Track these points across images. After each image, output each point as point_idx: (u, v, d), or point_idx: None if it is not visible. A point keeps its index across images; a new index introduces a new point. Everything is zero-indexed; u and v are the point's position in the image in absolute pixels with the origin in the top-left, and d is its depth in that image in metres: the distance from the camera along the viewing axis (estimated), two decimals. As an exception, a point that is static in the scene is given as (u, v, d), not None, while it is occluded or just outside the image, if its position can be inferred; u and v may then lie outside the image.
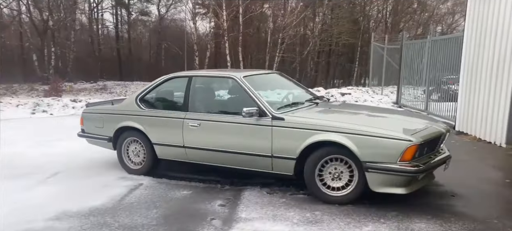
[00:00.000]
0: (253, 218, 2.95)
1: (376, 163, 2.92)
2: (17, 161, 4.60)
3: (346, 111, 3.86)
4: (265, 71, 4.92)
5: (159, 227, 2.85)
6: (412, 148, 2.83)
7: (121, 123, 4.11)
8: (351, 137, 3.00)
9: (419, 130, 3.07)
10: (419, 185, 3.05)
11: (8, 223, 2.88)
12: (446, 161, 3.23)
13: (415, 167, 2.86)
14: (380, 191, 2.98)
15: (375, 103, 9.86)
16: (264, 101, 3.44)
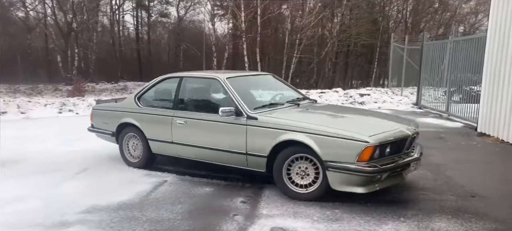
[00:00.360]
0: (274, 214, 3.04)
1: (335, 162, 3.02)
2: (48, 158, 4.83)
3: (320, 112, 3.89)
4: (257, 73, 5.14)
5: (184, 222, 2.97)
6: (369, 149, 2.92)
7: (122, 120, 4.43)
8: (314, 137, 3.13)
9: (380, 132, 3.10)
10: (382, 185, 3.11)
11: (43, 215, 3.06)
12: (411, 163, 3.22)
13: (372, 168, 2.93)
14: (340, 189, 3.09)
15: (395, 104, 9.77)
16: (241, 101, 3.61)
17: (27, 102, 8.43)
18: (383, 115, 3.90)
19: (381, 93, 10.68)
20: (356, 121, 3.60)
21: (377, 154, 2.98)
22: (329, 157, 3.06)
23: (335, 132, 3.08)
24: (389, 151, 3.09)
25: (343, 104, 9.93)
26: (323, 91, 11.23)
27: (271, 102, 3.93)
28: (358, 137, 2.97)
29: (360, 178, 2.99)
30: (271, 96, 4.24)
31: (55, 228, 2.86)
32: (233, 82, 3.85)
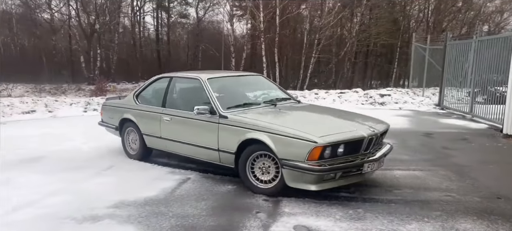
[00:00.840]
0: (296, 213, 3.08)
1: (289, 160, 3.18)
2: (75, 155, 5.01)
3: (290, 113, 3.95)
4: (247, 74, 5.28)
5: (208, 218, 3.05)
6: (318, 149, 3.05)
7: (123, 115, 4.79)
8: (272, 136, 3.31)
9: (331, 133, 3.21)
10: (337, 184, 3.26)
11: (74, 209, 3.20)
12: (365, 164, 3.27)
13: (320, 167, 3.07)
14: (294, 186, 3.26)
15: (416, 105, 9.61)
16: (216, 101, 3.83)
17: (54, 102, 8.75)
18: (353, 116, 3.95)
19: (401, 93, 10.53)
20: (316, 122, 3.72)
21: (327, 154, 3.11)
22: (283, 155, 3.23)
23: (289, 132, 3.23)
24: (343, 151, 3.19)
25: (363, 104, 9.85)
26: (343, 92, 11.15)
27: (245, 102, 4.05)
28: (308, 137, 3.10)
29: (310, 176, 3.13)
30: (253, 96, 4.39)
31: (86, 221, 2.99)
32: (213, 83, 4.08)
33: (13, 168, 4.32)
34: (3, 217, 3.01)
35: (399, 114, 8.50)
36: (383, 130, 3.63)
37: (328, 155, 3.12)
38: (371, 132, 3.36)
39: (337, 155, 3.17)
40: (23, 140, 5.74)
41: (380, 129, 3.54)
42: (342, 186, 3.59)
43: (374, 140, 3.41)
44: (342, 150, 3.19)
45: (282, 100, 4.33)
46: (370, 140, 3.34)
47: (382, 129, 3.60)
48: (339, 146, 3.16)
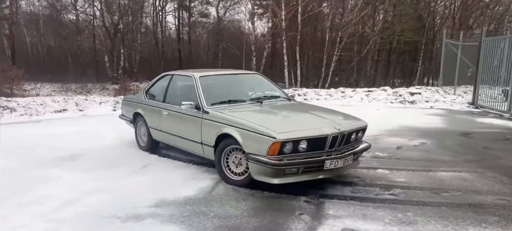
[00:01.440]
0: (341, 215, 2.98)
1: (253, 154, 3.36)
2: (109, 153, 5.04)
3: (268, 110, 4.01)
4: (245, 72, 5.41)
5: (251, 219, 2.99)
6: (277, 144, 3.20)
7: (135, 110, 5.23)
8: (240, 131, 3.50)
9: (293, 130, 3.34)
10: (299, 179, 3.37)
11: (116, 208, 3.19)
12: (326, 161, 3.34)
13: (277, 161, 3.21)
14: (258, 179, 3.42)
15: (448, 103, 9.29)
16: (202, 97, 4.05)
17: (84, 101, 8.92)
18: (331, 115, 3.95)
19: (431, 92, 10.20)
20: (285, 119, 3.83)
21: (288, 149, 3.25)
22: (249, 149, 3.41)
23: (255, 128, 3.39)
24: (306, 147, 3.30)
25: (392, 103, 9.61)
26: (370, 90, 10.90)
27: (230, 100, 4.18)
28: (269, 133, 3.25)
29: (271, 170, 3.27)
30: (244, 94, 4.48)
31: (130, 220, 2.98)
32: (204, 80, 4.30)
33: (51, 166, 4.38)
34: (47, 216, 3.03)
35: (431, 113, 8.24)
36: (352, 129, 3.62)
37: (289, 150, 3.26)
38: (335, 130, 3.40)
39: (298, 151, 3.29)
40: (58, 138, 5.84)
41: (347, 128, 3.54)
42: (386, 189, 3.49)
43: (339, 138, 3.43)
44: (305, 147, 3.30)
45: (272, 98, 4.44)
46: (334, 138, 3.39)
47: (350, 128, 3.59)
48: (300, 143, 3.28)
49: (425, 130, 6.32)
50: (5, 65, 17.35)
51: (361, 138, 3.86)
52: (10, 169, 4.20)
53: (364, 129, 3.85)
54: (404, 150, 4.94)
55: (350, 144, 3.63)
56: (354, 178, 3.82)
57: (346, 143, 3.54)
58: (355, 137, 3.70)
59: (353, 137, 3.65)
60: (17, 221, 2.93)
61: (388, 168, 4.12)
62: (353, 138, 3.65)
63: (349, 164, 3.57)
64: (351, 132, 3.59)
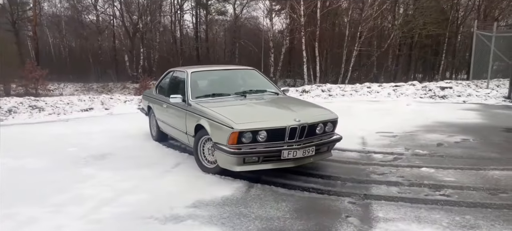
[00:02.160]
0: (393, 218, 2.79)
1: (218, 143, 3.58)
2: (139, 152, 4.97)
3: (247, 102, 4.19)
4: (240, 67, 5.59)
5: (294, 221, 2.84)
6: (235, 134, 3.41)
7: (148, 103, 5.69)
8: (210, 122, 3.74)
9: (252, 122, 3.52)
10: (259, 167, 3.53)
11: (154, 208, 3.09)
12: (283, 151, 3.46)
13: (234, 150, 3.43)
14: (223, 167, 3.64)
15: (482, 98, 8.89)
16: (189, 91, 4.33)
17: (109, 99, 8.94)
18: (301, 108, 4.12)
19: (463, 86, 9.78)
20: (253, 112, 3.93)
21: (247, 139, 3.44)
22: (215, 139, 3.64)
23: (219, 119, 3.62)
24: (266, 138, 3.47)
25: (421, 98, 9.26)
26: (398, 85, 10.55)
27: (214, 93, 4.41)
28: (228, 124, 3.47)
29: (231, 157, 3.46)
30: (233, 88, 4.60)
31: (169, 222, 2.88)
32: (195, 75, 4.60)
33: (84, 165, 4.34)
34: (87, 217, 2.96)
35: (465, 108, 7.88)
36: (315, 122, 3.70)
37: (249, 140, 3.45)
38: (294, 122, 3.53)
39: (257, 141, 3.47)
40: (87, 137, 5.83)
41: (309, 121, 3.63)
42: (435, 189, 3.28)
43: (299, 130, 3.54)
44: (265, 137, 3.47)
45: (258, 92, 4.58)
46: (292, 130, 3.50)
47: (312, 120, 3.68)
48: (259, 133, 3.45)
49: (463, 126, 6.01)
50: (29, 65, 17.73)
51: (331, 130, 3.91)
52: (45, 169, 4.18)
53: (333, 121, 3.90)
54: (446, 147, 4.68)
55: (316, 136, 3.74)
56: (398, 178, 3.62)
57: (309, 135, 3.65)
58: (322, 129, 3.78)
59: (319, 129, 3.75)
60: (57, 221, 2.87)
61: (433, 167, 3.89)
62: (319, 130, 3.75)
63: (310, 154, 3.65)
64: (313, 124, 3.68)
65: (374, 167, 4.01)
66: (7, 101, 7.86)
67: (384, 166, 4.02)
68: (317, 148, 3.69)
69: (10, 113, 7.26)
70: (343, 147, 4.81)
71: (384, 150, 4.63)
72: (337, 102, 9.35)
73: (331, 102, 9.43)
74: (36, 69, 17.65)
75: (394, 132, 5.62)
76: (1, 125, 6.70)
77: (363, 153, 4.58)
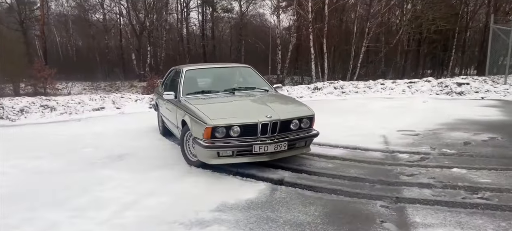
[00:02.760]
0: (432, 224, 2.64)
1: (196, 138, 3.78)
2: (156, 152, 4.86)
3: (231, 99, 4.36)
4: (235, 65, 5.86)
5: (327, 227, 2.70)
6: (208, 129, 3.60)
7: (156, 99, 6.01)
8: (191, 117, 3.94)
9: (225, 118, 3.70)
10: (234, 160, 3.70)
11: (177, 212, 2.97)
12: (255, 146, 3.62)
13: (207, 144, 3.62)
14: (201, 160, 3.82)
15: (501, 94, 8.65)
16: (182, 87, 4.56)
17: (120, 98, 8.85)
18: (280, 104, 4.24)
19: (479, 82, 9.55)
20: (230, 108, 4.08)
21: (220, 134, 3.62)
22: (194, 134, 3.84)
23: (197, 115, 3.81)
24: (239, 133, 3.63)
25: (437, 94, 9.05)
26: (412, 81, 10.34)
27: (204, 90, 4.65)
28: (204, 119, 3.67)
29: (207, 151, 3.64)
30: (224, 85, 4.78)
31: (194, 227, 2.75)
32: (189, 73, 4.86)
33: (101, 166, 4.24)
34: (111, 221, 2.84)
35: (485, 104, 7.67)
36: (287, 118, 3.80)
37: (222, 135, 3.62)
38: (266, 119, 3.67)
39: (231, 136, 3.64)
40: (101, 137, 5.74)
41: (282, 117, 3.75)
42: (472, 191, 3.12)
43: (270, 126, 3.67)
44: (238, 132, 3.63)
45: (248, 89, 4.74)
46: (264, 126, 3.65)
47: (285, 117, 3.78)
48: (231, 129, 3.62)
49: (488, 123, 5.82)
50: (38, 65, 17.74)
51: (307, 126, 3.98)
52: (62, 170, 4.08)
53: (309, 117, 3.97)
54: (474, 146, 4.50)
55: (292, 132, 3.85)
56: (429, 179, 3.46)
57: (283, 130, 3.77)
58: (297, 125, 3.88)
59: (293, 125, 3.85)
60: (80, 226, 2.76)
61: (465, 167, 3.72)
62: (294, 126, 3.85)
63: (283, 149, 3.76)
64: (287, 120, 3.79)
65: (402, 167, 3.86)
66: (18, 100, 7.80)
67: (412, 167, 3.86)
68: (290, 143, 3.81)
69: (22, 113, 7.20)
70: (365, 146, 4.67)
71: (409, 150, 4.47)
72: (350, 99, 9.18)
73: (345, 99, 9.27)
74: (45, 68, 17.64)
75: (415, 130, 5.45)
76: (14, 125, 6.63)
77: (387, 152, 4.42)
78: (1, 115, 6.77)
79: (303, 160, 4.23)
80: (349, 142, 4.89)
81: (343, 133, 5.42)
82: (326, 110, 7.59)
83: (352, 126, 5.89)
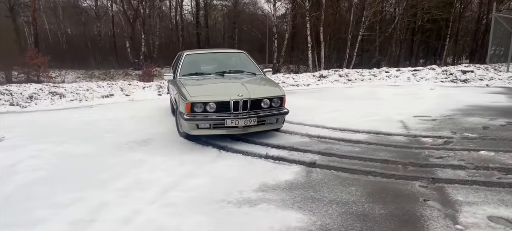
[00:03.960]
0: (476, 202, 2.73)
1: (181, 112, 4.31)
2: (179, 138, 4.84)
3: (217, 80, 4.90)
4: (231, 51, 6.39)
5: (374, 205, 2.77)
6: (188, 105, 4.16)
7: (167, 81, 6.48)
8: (178, 95, 4.49)
9: (203, 95, 4.26)
10: (211, 132, 4.25)
11: (222, 192, 3.01)
12: (226, 120, 4.15)
13: (190, 117, 4.15)
14: (186, 132, 4.36)
15: (505, 81, 8.84)
16: (180, 69, 5.13)
17: (127, 85, 8.76)
18: (255, 84, 4.79)
19: (483, 70, 9.74)
20: (211, 87, 4.66)
21: (199, 109, 4.16)
22: (180, 109, 4.39)
23: (182, 92, 4.33)
24: (214, 108, 4.17)
25: (442, 82, 9.22)
26: (417, 69, 10.48)
27: (197, 72, 5.16)
28: (186, 96, 4.22)
29: (188, 123, 4.17)
30: (218, 68, 5.29)
31: (244, 205, 2.80)
32: (189, 57, 5.43)
33: (129, 150, 4.23)
34: (158, 201, 2.87)
35: (491, 91, 7.85)
36: (258, 97, 4.28)
37: (201, 110, 4.16)
38: (237, 97, 4.18)
39: (207, 110, 4.17)
40: (119, 123, 5.70)
41: (252, 96, 4.25)
42: (505, 172, 3.24)
43: (241, 103, 4.19)
44: (214, 108, 4.17)
45: (237, 72, 5.22)
46: (235, 103, 4.17)
47: (255, 96, 4.27)
48: (207, 105, 4.16)
49: (500, 109, 5.97)
50: (31, 52, 17.32)
51: (278, 105, 4.43)
52: (92, 155, 4.07)
53: (279, 97, 4.42)
54: (494, 130, 4.63)
55: (263, 109, 4.33)
56: (459, 161, 3.56)
57: (254, 108, 4.26)
58: (268, 104, 4.35)
59: (264, 103, 4.32)
60: (130, 205, 2.77)
61: (491, 150, 3.83)
62: (264, 104, 4.33)
63: (252, 124, 4.24)
64: (257, 99, 4.28)
65: (429, 151, 3.95)
66: (26, 87, 7.66)
67: (439, 150, 3.96)
68: (260, 119, 4.28)
69: (31, 100, 7.08)
70: (387, 131, 4.76)
71: (431, 134, 4.57)
72: (357, 86, 9.27)
73: (351, 87, 9.36)
74: (38, 55, 17.24)
75: (431, 116, 5.56)
76: (25, 111, 6.53)
77: (410, 137, 4.51)
78: (12, 101, 6.64)
79: (329, 145, 4.29)
80: (370, 127, 4.97)
81: (361, 119, 5.50)
82: (337, 97, 7.67)
83: (368, 112, 5.97)
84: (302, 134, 4.78)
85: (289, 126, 5.11)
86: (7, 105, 6.69)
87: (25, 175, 3.42)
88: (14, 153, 4.10)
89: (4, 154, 4.06)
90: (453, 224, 2.45)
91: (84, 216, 2.62)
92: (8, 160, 3.85)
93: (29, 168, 3.58)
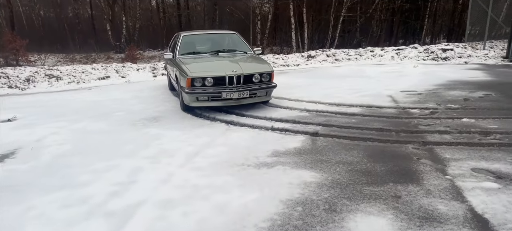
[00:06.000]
0: (461, 158, 3.20)
1: (182, 87, 4.82)
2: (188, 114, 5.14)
3: (212, 58, 5.39)
4: (223, 31, 6.89)
5: (374, 164, 3.19)
6: (189, 80, 4.68)
7: (165, 61, 6.83)
8: (179, 71, 5.00)
9: (202, 71, 4.79)
10: (209, 104, 4.79)
11: (241, 158, 3.35)
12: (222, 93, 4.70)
13: (190, 91, 4.66)
14: (187, 104, 4.86)
15: (482, 58, 9.47)
16: (179, 48, 5.62)
17: (122, 68, 8.86)
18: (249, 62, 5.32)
19: (461, 48, 10.35)
20: (208, 65, 5.10)
21: (198, 83, 4.68)
22: (181, 84, 4.86)
23: (183, 69, 4.83)
24: (212, 83, 4.70)
25: (424, 60, 9.77)
26: (400, 48, 11.01)
27: (194, 51, 5.67)
28: (186, 72, 4.73)
29: (188, 96, 4.68)
30: (213, 47, 5.81)
31: (262, 167, 3.16)
32: (186, 38, 5.92)
33: (143, 126, 4.49)
34: (186, 165, 3.19)
35: (469, 68, 8.45)
36: (249, 73, 4.83)
37: (200, 84, 4.68)
38: (231, 73, 4.73)
39: (206, 85, 4.70)
40: (123, 102, 5.91)
41: (245, 72, 4.80)
42: (485, 135, 3.71)
43: (235, 78, 4.73)
44: (211, 82, 4.70)
45: (230, 51, 5.78)
46: (230, 78, 4.72)
47: (247, 72, 4.82)
48: (206, 80, 4.69)
49: (478, 83, 6.54)
50: (8, 35, 16.80)
51: (267, 80, 5.00)
52: (110, 131, 4.31)
53: (268, 73, 4.99)
54: (474, 101, 5.16)
55: (254, 84, 4.88)
56: (445, 127, 4.02)
57: (246, 82, 4.81)
58: (258, 79, 4.91)
59: (255, 78, 4.87)
60: (163, 169, 3.09)
61: (472, 117, 4.34)
62: (255, 79, 4.88)
63: (245, 96, 4.81)
64: (248, 75, 4.82)
65: (418, 120, 4.42)
66: (22, 70, 7.67)
67: (426, 119, 4.43)
68: (251, 92, 4.84)
69: (29, 82, 7.13)
70: (378, 105, 5.20)
71: (418, 106, 5.05)
72: (345, 66, 9.71)
73: (339, 66, 9.78)
74: (16, 39, 16.78)
75: (417, 91, 6.06)
76: (25, 93, 6.61)
77: (400, 109, 4.97)
78: (10, 84, 6.70)
79: (327, 118, 4.67)
80: (362, 101, 5.40)
81: (353, 95, 5.93)
82: (327, 76, 8.07)
83: (359, 89, 6.41)
84: (301, 109, 5.16)
85: (288, 103, 5.49)
86: (6, 88, 6.75)
87: (54, 148, 3.66)
88: (34, 130, 4.30)
89: (26, 131, 4.25)
90: (443, 175, 2.90)
91: (123, 179, 2.93)
92: (32, 136, 4.05)
93: (55, 143, 3.82)
